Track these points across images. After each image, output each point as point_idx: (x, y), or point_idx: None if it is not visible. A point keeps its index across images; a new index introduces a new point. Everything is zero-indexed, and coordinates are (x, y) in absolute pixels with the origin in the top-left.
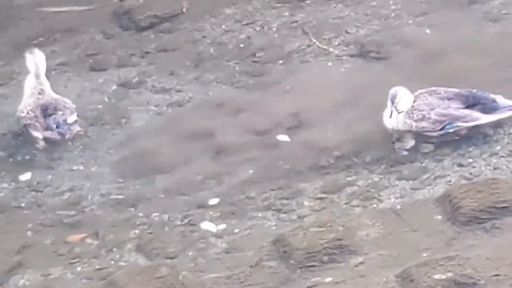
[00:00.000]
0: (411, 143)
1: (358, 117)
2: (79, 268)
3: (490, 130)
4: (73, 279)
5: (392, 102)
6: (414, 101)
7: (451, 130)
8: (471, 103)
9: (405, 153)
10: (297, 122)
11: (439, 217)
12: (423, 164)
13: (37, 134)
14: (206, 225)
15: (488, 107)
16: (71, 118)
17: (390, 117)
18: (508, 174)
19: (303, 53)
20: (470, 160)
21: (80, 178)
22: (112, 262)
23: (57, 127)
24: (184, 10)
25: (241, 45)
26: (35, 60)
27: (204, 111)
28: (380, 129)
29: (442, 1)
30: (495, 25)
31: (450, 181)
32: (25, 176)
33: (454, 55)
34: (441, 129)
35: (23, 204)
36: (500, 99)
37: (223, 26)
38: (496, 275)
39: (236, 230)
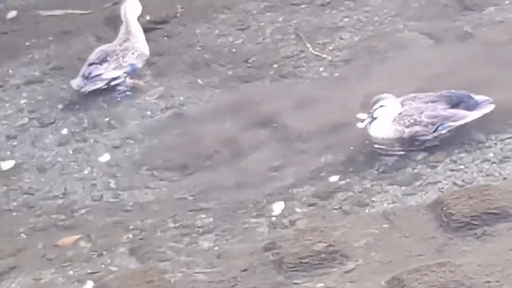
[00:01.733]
0: (398, 151)
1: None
2: (70, 272)
3: (482, 136)
4: (64, 283)
5: (371, 109)
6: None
7: (443, 131)
8: (455, 103)
9: (397, 159)
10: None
11: (431, 223)
12: (416, 170)
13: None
14: (276, 206)
15: (470, 105)
16: (111, 74)
17: (367, 125)
18: (500, 181)
19: (297, 58)
20: (462, 166)
21: (72, 182)
22: (104, 266)
23: (86, 78)
24: (178, 15)
25: (235, 50)
26: (126, 10)
27: (199, 117)
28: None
29: (436, 7)
30: (488, 32)
31: (442, 188)
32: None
33: (447, 61)
34: (434, 131)
35: (14, 207)
36: (476, 96)
37: (217, 31)
38: (487, 281)
39: (228, 235)
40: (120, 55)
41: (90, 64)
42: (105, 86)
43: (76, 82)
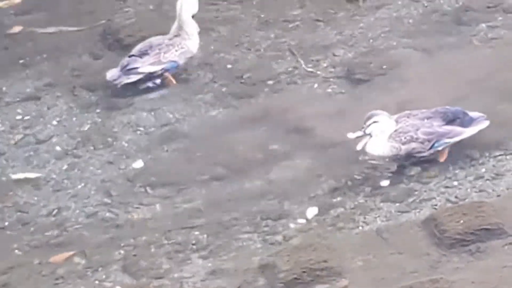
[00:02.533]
0: (393, 167)
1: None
2: None
3: (476, 153)
4: None
5: (364, 125)
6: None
7: (440, 148)
8: (450, 119)
9: (390, 175)
10: None
11: (425, 240)
12: (409, 187)
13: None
14: (310, 212)
15: (465, 121)
16: (148, 68)
17: (358, 137)
18: (494, 197)
19: (291, 75)
20: (456, 183)
21: (66, 198)
22: (97, 282)
23: (121, 69)
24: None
25: (230, 66)
26: (182, 7)
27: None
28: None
29: (430, 23)
30: (482, 47)
31: (435, 204)
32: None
33: (442, 77)
34: (430, 148)
35: (8, 224)
36: (470, 112)
37: (211, 47)
38: None
39: (221, 252)
40: (163, 50)
41: (130, 56)
42: (149, 85)
43: (111, 73)
